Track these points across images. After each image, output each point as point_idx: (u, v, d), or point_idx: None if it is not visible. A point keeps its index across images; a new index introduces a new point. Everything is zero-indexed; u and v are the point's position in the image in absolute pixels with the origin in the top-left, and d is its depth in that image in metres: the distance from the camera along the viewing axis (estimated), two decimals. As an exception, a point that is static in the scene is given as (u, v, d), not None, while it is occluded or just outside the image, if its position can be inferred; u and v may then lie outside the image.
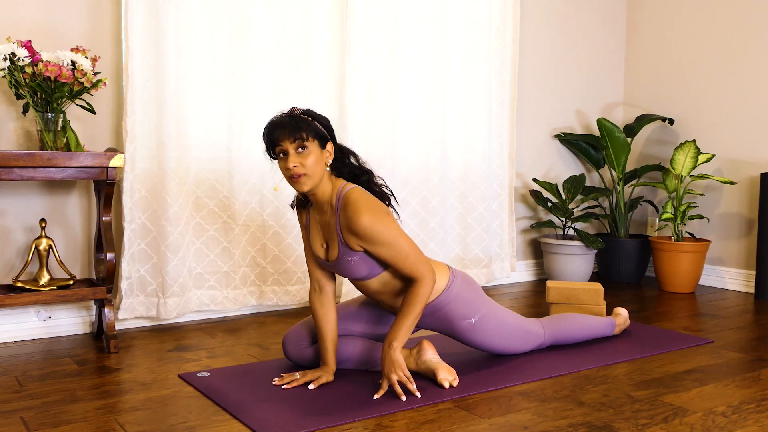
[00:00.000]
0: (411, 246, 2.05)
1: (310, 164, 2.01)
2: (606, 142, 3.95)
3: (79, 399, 2.02)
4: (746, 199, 3.85)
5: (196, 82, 2.92)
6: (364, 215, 1.98)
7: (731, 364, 2.40)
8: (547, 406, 1.98)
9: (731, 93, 3.91)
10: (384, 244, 2.01)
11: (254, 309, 3.18)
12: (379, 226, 1.99)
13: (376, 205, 2.03)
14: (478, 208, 3.74)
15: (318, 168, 2.03)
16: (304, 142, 2.00)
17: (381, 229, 2.00)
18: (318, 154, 2.03)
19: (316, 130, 2.03)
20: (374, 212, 2.00)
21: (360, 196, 2.03)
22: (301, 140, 2.00)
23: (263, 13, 3.04)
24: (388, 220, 2.03)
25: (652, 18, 4.31)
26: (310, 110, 2.10)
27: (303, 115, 2.05)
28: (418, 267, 2.05)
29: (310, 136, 2.01)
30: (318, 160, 2.03)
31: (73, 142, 2.52)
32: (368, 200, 2.03)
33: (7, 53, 2.38)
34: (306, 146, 2.01)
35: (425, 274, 2.05)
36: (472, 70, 3.67)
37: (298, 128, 2.00)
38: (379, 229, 2.00)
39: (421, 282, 2.05)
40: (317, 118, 2.08)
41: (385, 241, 2.01)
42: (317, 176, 2.04)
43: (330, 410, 1.90)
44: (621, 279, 4.05)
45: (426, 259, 2.08)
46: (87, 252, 2.83)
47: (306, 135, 2.01)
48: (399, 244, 2.02)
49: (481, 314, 2.26)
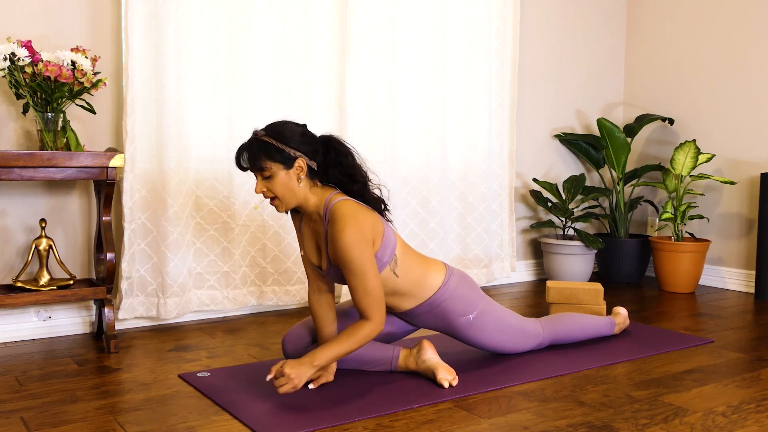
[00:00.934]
0: (375, 286, 1.98)
1: (277, 189, 2.01)
2: (606, 142, 3.95)
3: (79, 399, 2.02)
4: (746, 199, 3.85)
5: (196, 82, 2.92)
6: (344, 236, 1.95)
7: (731, 364, 2.40)
8: (547, 406, 1.98)
9: (731, 93, 3.91)
10: (351, 272, 1.97)
11: (254, 309, 3.18)
12: (353, 252, 1.95)
13: (358, 229, 1.97)
14: (478, 208, 3.74)
15: (287, 190, 2.02)
16: (264, 171, 2.00)
17: (353, 257, 1.95)
18: (284, 176, 2.00)
19: (278, 154, 1.98)
20: (354, 237, 1.95)
21: (346, 212, 1.99)
22: (261, 169, 2.00)
23: (263, 13, 3.04)
24: (364, 248, 1.97)
25: (652, 18, 4.31)
26: (277, 127, 2.03)
27: (266, 137, 1.99)
28: (372, 309, 1.98)
29: (269, 162, 1.99)
30: (285, 183, 2.01)
31: (73, 142, 2.52)
32: (353, 221, 1.97)
33: (7, 53, 2.39)
34: (268, 174, 2.00)
35: (375, 319, 1.98)
36: (472, 70, 3.67)
37: (255, 158, 1.99)
38: (351, 256, 1.95)
39: (368, 323, 1.98)
40: (283, 136, 2.00)
41: (353, 270, 1.96)
42: (290, 197, 2.03)
43: (330, 410, 1.90)
44: (621, 279, 4.05)
45: (383, 308, 2.00)
46: (87, 252, 2.83)
47: (263, 164, 1.99)
48: (365, 279, 1.97)
49: (479, 311, 2.26)
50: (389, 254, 2.09)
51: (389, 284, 2.14)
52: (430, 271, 2.21)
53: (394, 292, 2.16)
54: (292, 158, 2.00)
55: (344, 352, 1.97)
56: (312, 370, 1.93)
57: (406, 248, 2.18)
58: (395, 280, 2.13)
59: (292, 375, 1.90)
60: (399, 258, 2.13)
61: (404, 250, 2.16)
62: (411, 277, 2.16)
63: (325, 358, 1.94)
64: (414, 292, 2.18)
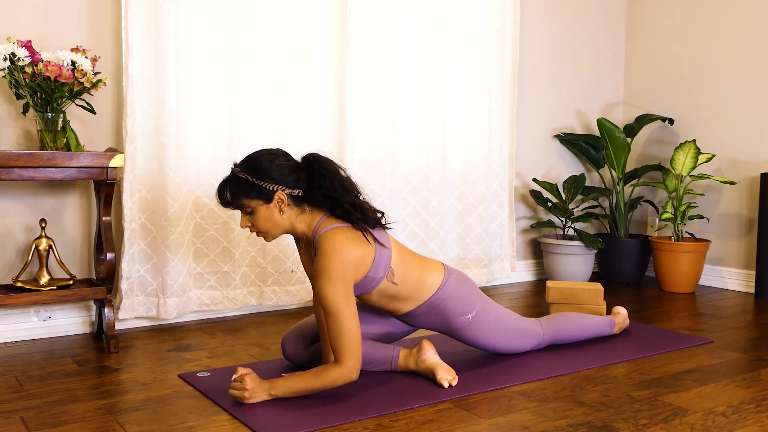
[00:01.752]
0: (350, 329, 1.91)
1: (260, 224, 2.02)
2: (606, 142, 3.95)
3: (79, 399, 2.02)
4: (746, 199, 3.85)
5: (196, 82, 2.92)
6: (323, 274, 1.91)
7: (731, 364, 2.40)
8: (547, 406, 1.98)
9: (731, 93, 3.91)
10: (326, 311, 1.93)
11: (254, 309, 3.18)
12: (329, 292, 1.91)
13: (340, 267, 1.92)
14: (478, 208, 3.74)
15: (270, 223, 2.02)
16: (245, 209, 2.00)
17: (329, 297, 1.91)
18: (264, 211, 2.01)
19: (254, 191, 1.98)
20: (334, 274, 1.91)
21: (328, 249, 1.94)
22: (241, 207, 2.00)
23: (263, 13, 3.04)
24: (342, 290, 1.91)
25: (652, 18, 4.31)
26: (253, 162, 2.00)
27: (242, 173, 1.99)
28: (345, 352, 1.91)
29: (247, 200, 1.99)
30: (267, 217, 2.01)
31: (73, 142, 2.52)
32: (334, 259, 1.93)
33: (7, 53, 2.38)
34: (249, 210, 2.01)
35: (347, 365, 1.91)
36: (472, 70, 3.67)
37: (234, 196, 2.00)
38: (327, 296, 1.91)
39: (338, 368, 1.91)
40: (259, 171, 1.98)
41: (327, 309, 1.92)
42: (275, 229, 2.04)
43: (330, 410, 1.90)
44: (621, 279, 4.05)
45: (358, 354, 1.93)
46: (87, 252, 2.83)
47: (242, 202, 1.99)
48: (339, 319, 1.91)
49: (478, 310, 2.26)
50: (384, 269, 2.08)
51: (389, 291, 2.13)
52: (428, 273, 2.21)
53: (394, 297, 2.16)
54: (270, 192, 1.99)
55: (305, 389, 1.94)
56: (267, 397, 1.94)
57: (403, 254, 2.17)
58: (394, 287, 2.13)
59: (247, 388, 1.92)
60: (395, 268, 2.12)
61: (401, 258, 2.15)
62: (410, 281, 2.16)
63: (284, 391, 1.94)
64: (414, 295, 2.18)
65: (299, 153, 2.14)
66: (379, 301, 2.17)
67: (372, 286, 2.09)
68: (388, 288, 2.12)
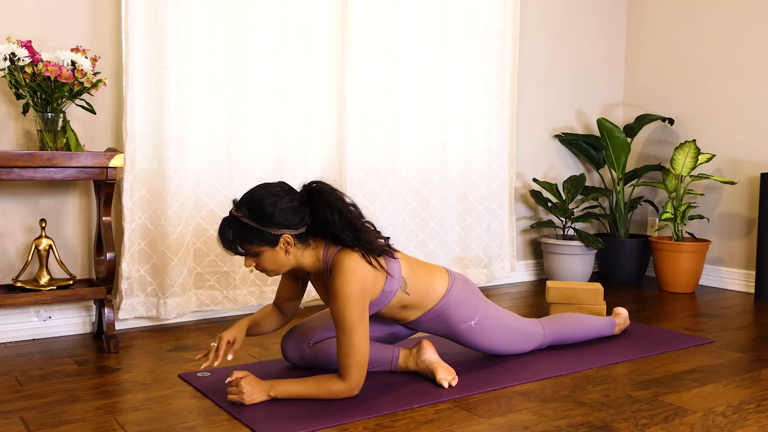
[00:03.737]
0: (361, 348, 1.91)
1: (265, 264, 1.97)
2: (606, 142, 3.95)
3: (79, 399, 2.02)
4: (746, 199, 3.85)
5: (196, 82, 2.92)
6: (343, 290, 1.90)
7: (731, 364, 2.40)
8: (547, 406, 1.98)
9: (731, 93, 3.91)
10: (341, 328, 1.92)
11: (254, 309, 3.18)
12: (347, 308, 1.90)
13: (359, 284, 1.92)
14: (478, 208, 3.74)
15: (275, 264, 1.97)
16: (247, 253, 1.95)
17: (346, 313, 1.91)
18: (270, 254, 1.95)
19: (258, 238, 1.92)
20: (353, 291, 1.91)
21: (348, 266, 1.93)
22: (245, 253, 1.95)
23: (263, 13, 3.04)
24: (358, 307, 1.91)
25: (652, 18, 4.31)
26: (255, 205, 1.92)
27: (244, 218, 1.91)
28: (352, 370, 1.92)
29: (251, 246, 1.94)
30: (272, 259, 1.96)
31: (73, 142, 2.52)
32: (353, 277, 1.92)
33: (7, 53, 2.38)
34: (254, 252, 1.95)
35: (351, 381, 1.93)
36: (471, 70, 3.67)
37: (237, 243, 1.94)
38: (345, 312, 1.91)
39: (341, 382, 1.93)
40: (262, 216, 1.91)
41: (343, 326, 1.92)
42: (281, 268, 2.00)
43: (330, 410, 1.90)
44: (621, 279, 4.05)
45: (363, 372, 1.93)
46: (87, 252, 2.83)
47: (246, 248, 1.94)
48: (352, 337, 1.90)
49: (481, 316, 2.26)
50: (397, 282, 2.08)
51: (403, 302, 2.13)
52: (434, 280, 2.20)
53: (404, 307, 2.16)
54: (276, 237, 1.93)
55: (306, 395, 1.95)
56: (265, 397, 1.94)
57: (411, 263, 2.17)
58: (407, 297, 2.13)
59: (245, 392, 1.92)
60: (407, 278, 2.12)
61: (410, 267, 2.15)
62: (420, 290, 2.16)
63: (284, 393, 1.94)
64: (421, 304, 2.18)
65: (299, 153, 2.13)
66: (390, 312, 2.16)
67: (389, 300, 2.08)
68: (403, 299, 2.12)
